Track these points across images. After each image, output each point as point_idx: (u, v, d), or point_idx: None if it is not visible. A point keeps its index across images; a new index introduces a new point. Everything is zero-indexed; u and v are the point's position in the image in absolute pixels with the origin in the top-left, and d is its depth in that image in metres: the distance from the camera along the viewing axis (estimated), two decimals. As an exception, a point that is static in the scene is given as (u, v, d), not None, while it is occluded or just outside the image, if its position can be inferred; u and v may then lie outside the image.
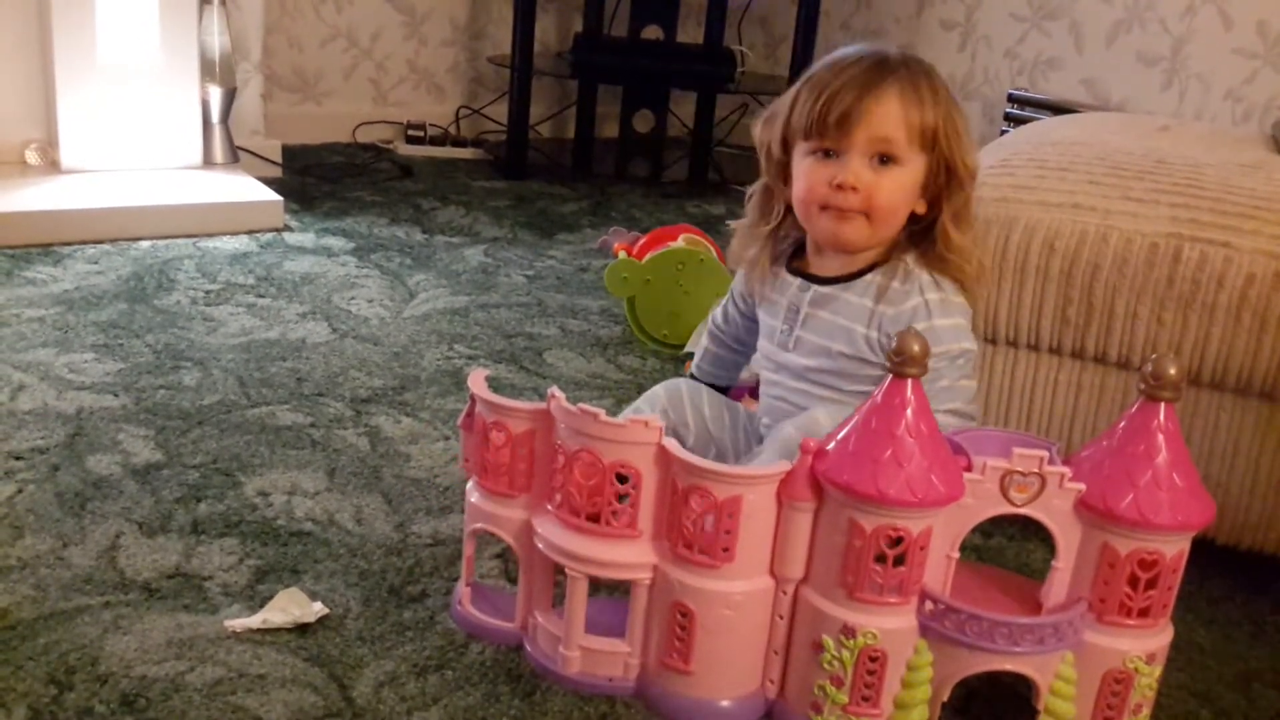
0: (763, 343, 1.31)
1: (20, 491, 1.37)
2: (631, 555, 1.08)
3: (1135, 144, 1.54)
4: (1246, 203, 1.34)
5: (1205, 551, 1.34)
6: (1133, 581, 1.02)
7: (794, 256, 1.29)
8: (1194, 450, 1.38)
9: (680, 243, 2.03)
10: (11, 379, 1.65)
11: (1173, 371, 1.00)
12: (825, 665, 1.04)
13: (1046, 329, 1.39)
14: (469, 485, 1.18)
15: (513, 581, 1.24)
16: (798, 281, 1.26)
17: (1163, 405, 1.01)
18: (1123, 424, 1.03)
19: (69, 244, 2.22)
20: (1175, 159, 1.45)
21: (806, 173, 1.20)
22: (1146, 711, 1.08)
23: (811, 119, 1.17)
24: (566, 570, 1.09)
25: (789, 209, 1.26)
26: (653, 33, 3.16)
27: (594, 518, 1.07)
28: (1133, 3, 2.66)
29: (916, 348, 0.99)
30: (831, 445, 1.02)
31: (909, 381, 1.00)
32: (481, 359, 1.87)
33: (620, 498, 1.06)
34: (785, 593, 1.06)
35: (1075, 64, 2.81)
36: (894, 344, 0.99)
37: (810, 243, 1.27)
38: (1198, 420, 1.37)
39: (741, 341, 1.42)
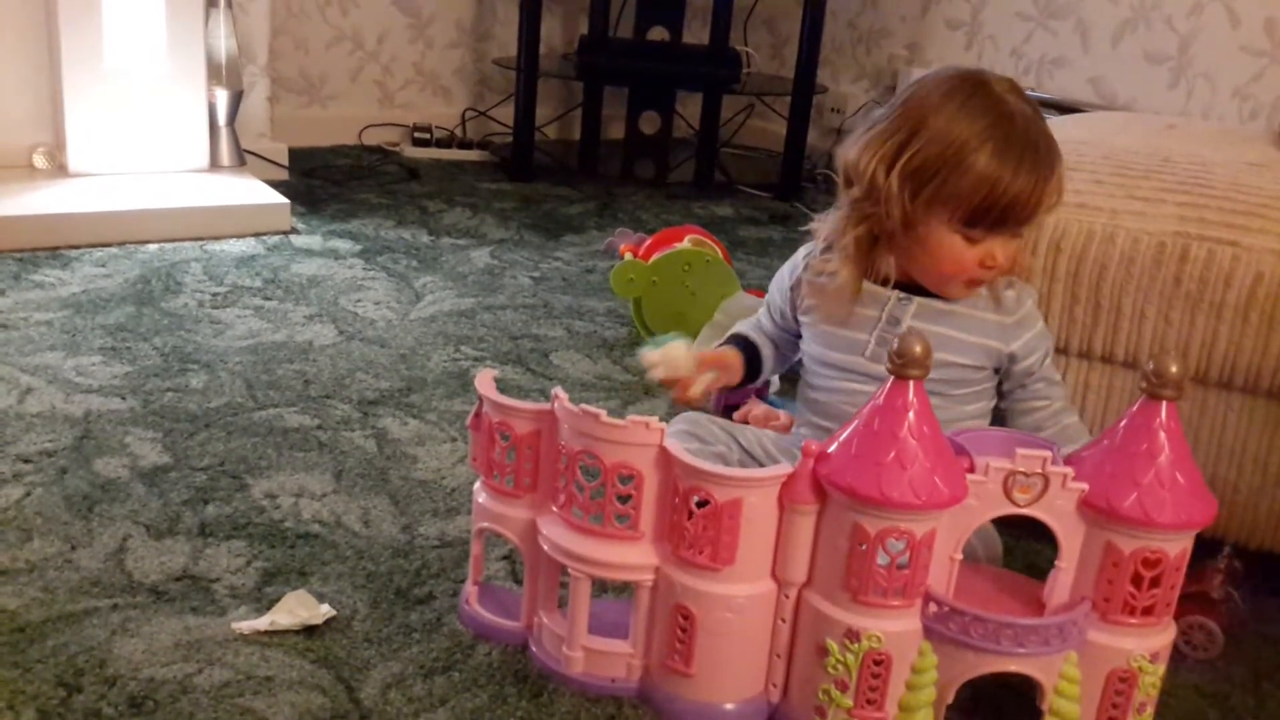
0: (831, 354, 1.30)
1: (28, 494, 1.37)
2: (633, 557, 1.08)
3: (1142, 143, 1.53)
4: (1254, 201, 1.33)
5: (1214, 551, 1.33)
6: (1136, 580, 1.02)
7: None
8: (1202, 450, 1.38)
9: (686, 244, 2.03)
10: (19, 382, 1.66)
11: (1174, 369, 1.00)
12: (829, 669, 1.03)
13: (1053, 329, 1.39)
14: (477, 485, 1.18)
15: (519, 583, 1.24)
16: (895, 294, 1.27)
17: (1164, 404, 1.01)
18: (1124, 423, 1.03)
19: (76, 247, 2.23)
20: (1182, 158, 1.45)
21: (954, 251, 1.21)
22: (1150, 710, 1.08)
23: (979, 215, 1.18)
24: (569, 571, 1.10)
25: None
26: (658, 34, 3.16)
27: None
28: (1139, 2, 2.65)
29: (918, 349, 0.98)
30: (833, 448, 1.02)
31: (910, 383, 0.99)
32: (488, 361, 1.87)
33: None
34: (787, 596, 1.05)
35: (1081, 63, 2.81)
36: (896, 345, 0.99)
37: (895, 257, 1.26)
38: (1205, 420, 1.37)
39: (781, 348, 1.43)
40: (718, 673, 1.07)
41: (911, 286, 1.27)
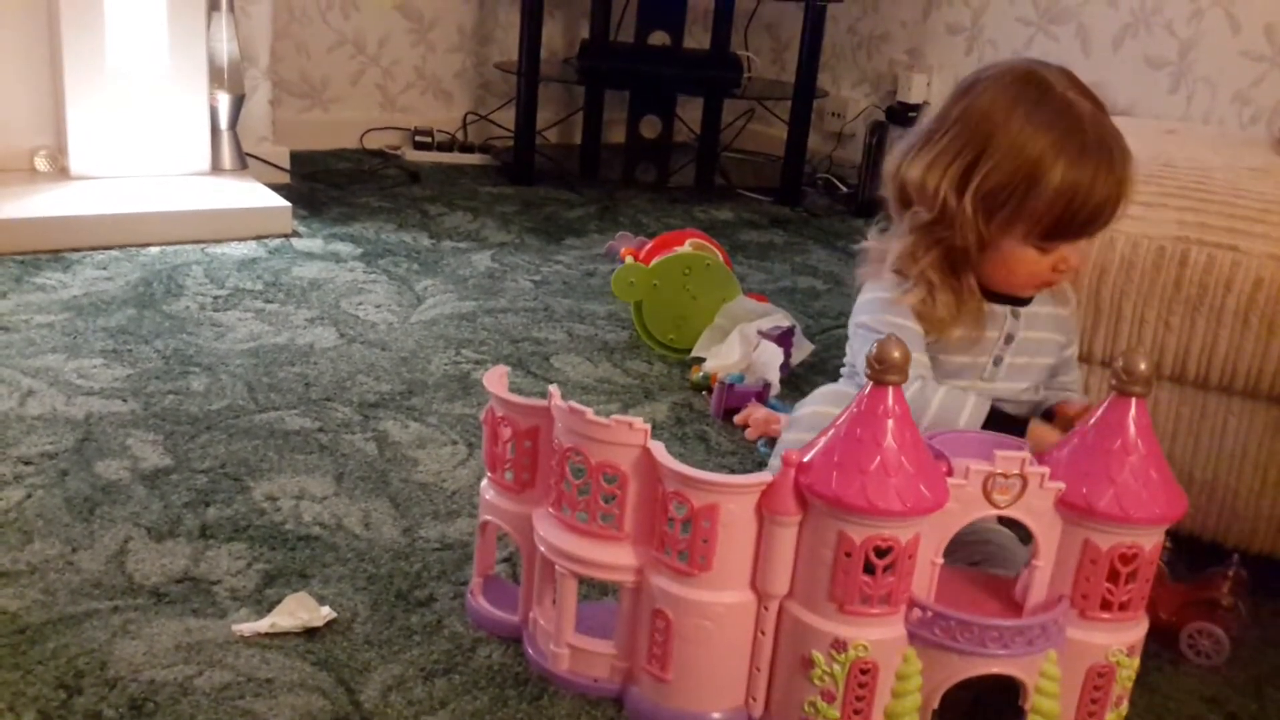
0: (952, 380, 1.23)
1: (29, 496, 1.37)
2: (616, 557, 1.07)
3: (1142, 147, 1.52)
4: (1254, 206, 1.34)
5: (1214, 555, 1.33)
6: (1113, 576, 1.03)
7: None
8: (1202, 454, 1.38)
9: (687, 248, 2.03)
10: (21, 384, 1.66)
11: (1143, 366, 1.01)
12: (816, 681, 1.02)
13: (1054, 332, 1.39)
14: (484, 481, 1.19)
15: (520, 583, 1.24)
16: (1007, 309, 1.23)
17: (1134, 400, 1.01)
18: (1094, 421, 1.04)
19: (78, 250, 2.23)
20: (1182, 162, 1.45)
21: (1027, 263, 1.17)
22: (1126, 703, 1.09)
23: (1056, 230, 1.14)
24: (556, 568, 1.10)
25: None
26: (659, 38, 3.16)
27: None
28: (1139, 6, 2.65)
29: (897, 354, 0.97)
30: (809, 456, 1.00)
31: (890, 389, 0.98)
32: (488, 364, 1.87)
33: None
34: (767, 609, 1.04)
35: (1082, 68, 2.78)
36: (874, 351, 0.97)
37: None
38: (1205, 424, 1.37)
39: None
40: (694, 681, 1.06)
41: (1019, 299, 1.23)
